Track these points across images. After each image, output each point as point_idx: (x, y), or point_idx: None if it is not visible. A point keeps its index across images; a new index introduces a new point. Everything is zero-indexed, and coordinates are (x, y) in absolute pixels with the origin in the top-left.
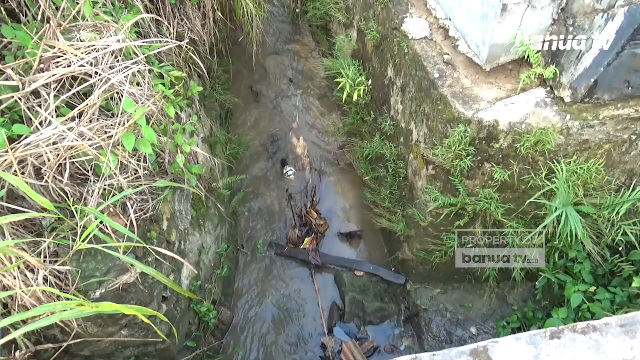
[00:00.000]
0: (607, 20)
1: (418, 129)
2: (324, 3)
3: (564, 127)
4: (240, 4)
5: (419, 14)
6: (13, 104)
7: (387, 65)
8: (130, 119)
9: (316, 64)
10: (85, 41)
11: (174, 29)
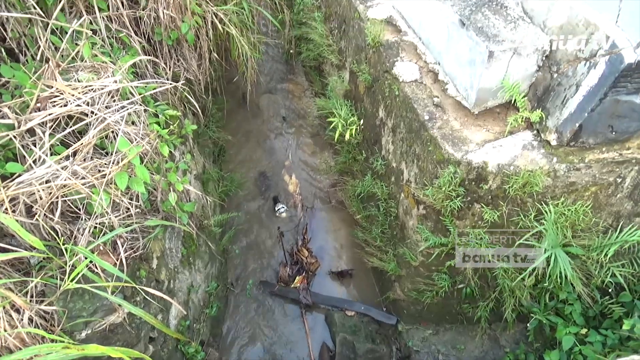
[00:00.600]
0: (589, 68)
1: (409, 169)
2: (317, 45)
3: (551, 169)
4: (235, 45)
5: (410, 58)
6: (8, 141)
7: (379, 107)
8: (124, 158)
9: (309, 103)
10: (83, 81)
11: (170, 69)
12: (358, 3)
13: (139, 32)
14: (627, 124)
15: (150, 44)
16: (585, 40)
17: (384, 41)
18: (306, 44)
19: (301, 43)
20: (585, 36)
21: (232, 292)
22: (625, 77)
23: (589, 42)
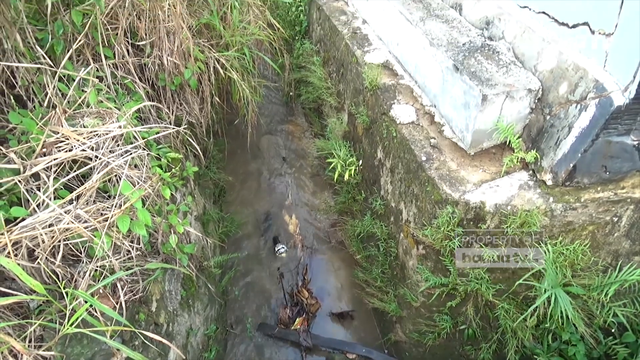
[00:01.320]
0: (580, 110)
1: (408, 209)
2: (316, 88)
3: (548, 209)
4: (237, 89)
5: (406, 101)
6: (13, 186)
7: (377, 148)
8: (126, 201)
9: (309, 144)
10: (88, 127)
11: (173, 113)
12: (355, 48)
13: (144, 78)
14: (619, 164)
15: (154, 89)
16: (575, 84)
17: (381, 84)
18: (305, 87)
19: (301, 86)
20: (575, 80)
21: (231, 335)
22: (615, 119)
23: (578, 86)
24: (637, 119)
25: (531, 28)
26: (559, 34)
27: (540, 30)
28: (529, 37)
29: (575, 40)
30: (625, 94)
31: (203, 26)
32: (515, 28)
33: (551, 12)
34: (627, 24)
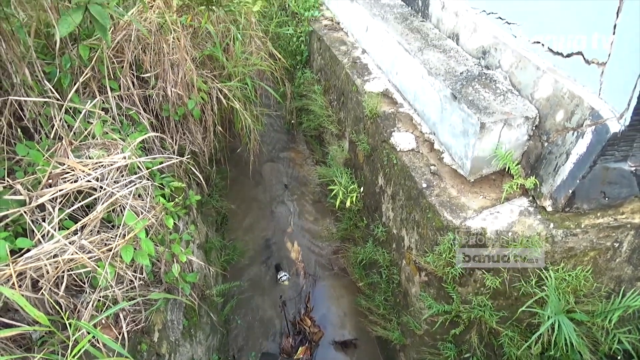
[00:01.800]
0: (577, 137)
1: (409, 235)
2: (317, 116)
3: (549, 235)
4: (239, 118)
5: (406, 128)
6: (18, 217)
7: (378, 175)
8: (130, 231)
9: (310, 171)
10: (94, 158)
11: (176, 142)
12: (355, 77)
13: (148, 109)
14: (618, 190)
15: (158, 120)
16: (571, 112)
17: (381, 112)
18: (307, 115)
19: (302, 114)
20: (571, 107)
21: None
22: (612, 146)
23: (575, 113)
24: (633, 145)
25: (526, 57)
26: (554, 63)
27: (536, 59)
28: (524, 66)
29: (570, 69)
30: (620, 121)
31: (206, 57)
32: (511, 57)
33: (545, 42)
34: (620, 53)
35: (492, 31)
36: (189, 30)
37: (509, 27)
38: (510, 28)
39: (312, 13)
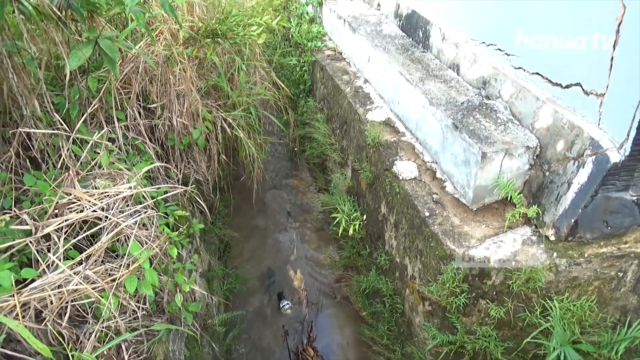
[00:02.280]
0: (578, 167)
1: (412, 264)
2: (320, 144)
3: (553, 264)
4: (243, 147)
5: (408, 157)
6: (24, 247)
7: (381, 203)
8: (135, 261)
9: (313, 198)
10: (100, 188)
11: (180, 171)
12: (358, 106)
13: (154, 138)
14: (620, 219)
15: (164, 149)
16: (571, 141)
17: (383, 141)
18: (310, 143)
19: (305, 142)
20: (571, 137)
21: None
22: (613, 176)
23: (575, 143)
24: (634, 175)
25: (526, 88)
26: (554, 94)
27: (535, 90)
28: (524, 96)
29: (570, 100)
30: (620, 151)
31: (211, 87)
32: (510, 88)
33: (544, 72)
34: (618, 85)
35: (492, 62)
36: (194, 62)
37: (508, 58)
38: (509, 59)
39: (315, 43)
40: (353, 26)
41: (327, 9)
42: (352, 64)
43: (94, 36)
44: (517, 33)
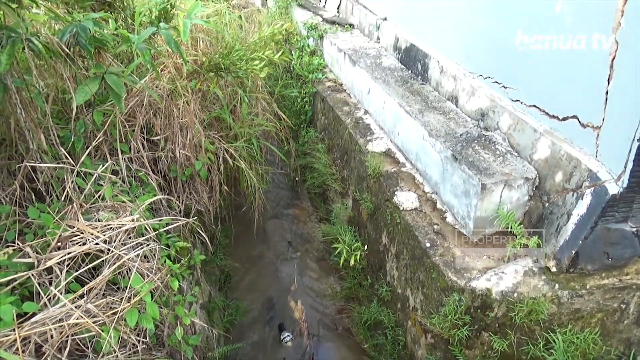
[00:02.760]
0: (577, 198)
1: (414, 295)
2: (321, 173)
3: (555, 296)
4: (244, 177)
5: (409, 187)
6: (25, 280)
7: (382, 233)
8: (136, 294)
9: (314, 228)
10: (103, 221)
11: (182, 202)
12: (358, 137)
13: (156, 170)
14: (621, 250)
15: (166, 180)
16: (570, 173)
17: (383, 172)
18: (311, 173)
19: (306, 171)
20: (569, 169)
21: None
22: (611, 207)
23: (573, 175)
24: (633, 206)
25: (524, 120)
26: (551, 126)
27: (533, 122)
28: (522, 128)
29: (567, 132)
30: (618, 183)
31: (214, 119)
32: (508, 120)
33: (541, 105)
34: (613, 118)
35: (490, 94)
36: (198, 95)
37: (505, 91)
38: (506, 92)
39: (316, 75)
40: (353, 59)
41: (328, 42)
42: (352, 96)
43: (101, 72)
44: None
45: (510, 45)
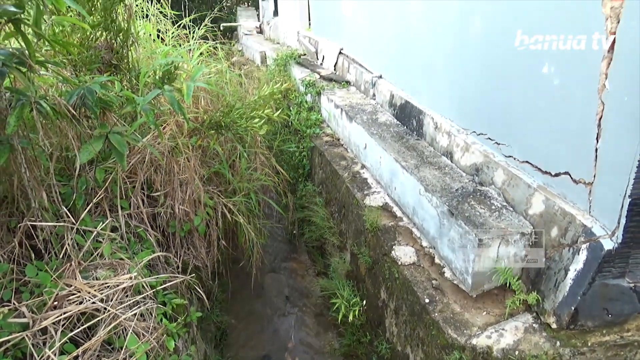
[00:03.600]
0: (573, 254)
1: (414, 353)
2: (319, 227)
3: (556, 354)
4: (242, 232)
5: (406, 242)
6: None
7: (380, 288)
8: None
9: (312, 282)
10: (101, 279)
11: (180, 258)
12: (356, 191)
13: (155, 225)
14: (620, 306)
15: (164, 236)
16: (565, 228)
17: (381, 226)
18: (308, 226)
19: (304, 225)
20: (564, 224)
21: None
22: (608, 263)
23: (568, 230)
24: (629, 262)
25: (517, 175)
26: (544, 182)
27: (526, 177)
28: (516, 183)
29: (560, 187)
30: (613, 238)
31: (213, 174)
32: (502, 175)
33: (534, 161)
34: (604, 174)
35: (483, 150)
36: (198, 151)
37: (498, 147)
38: (499, 148)
39: (313, 130)
40: (350, 115)
41: (325, 98)
42: (349, 150)
43: (105, 131)
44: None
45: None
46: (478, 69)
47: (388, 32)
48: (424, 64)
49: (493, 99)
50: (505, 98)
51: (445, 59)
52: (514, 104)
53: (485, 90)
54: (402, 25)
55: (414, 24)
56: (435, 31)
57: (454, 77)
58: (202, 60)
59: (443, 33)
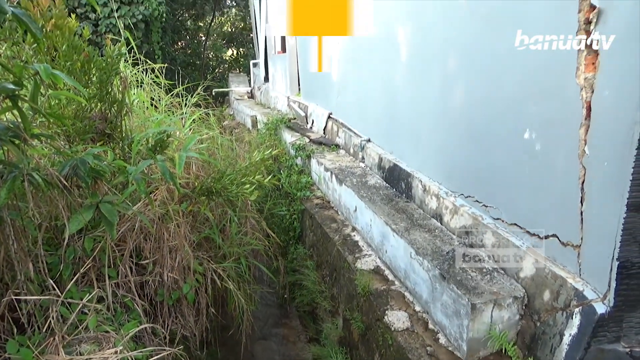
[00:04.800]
0: (567, 318)
1: None
2: (310, 291)
3: None
4: (232, 298)
5: (399, 306)
6: None
7: (374, 355)
8: None
9: (304, 349)
10: (84, 354)
11: (167, 328)
12: (347, 254)
13: (143, 294)
14: None
15: (152, 305)
16: (556, 291)
17: (373, 290)
18: (300, 290)
19: (295, 288)
20: (556, 287)
21: None
22: (602, 327)
23: (560, 293)
24: (622, 325)
25: (506, 238)
26: (533, 244)
27: (515, 240)
28: (506, 245)
29: (549, 250)
30: (605, 302)
31: (203, 239)
32: (492, 237)
33: (521, 223)
34: (591, 237)
35: (472, 212)
36: (188, 217)
37: (486, 209)
38: (488, 210)
39: (304, 193)
40: (340, 178)
41: (315, 161)
42: (340, 213)
43: (96, 201)
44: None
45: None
46: (462, 133)
47: (375, 98)
48: (410, 128)
49: (478, 163)
50: (490, 162)
51: (430, 123)
52: (499, 167)
53: (470, 154)
54: (388, 92)
55: (400, 90)
56: (420, 97)
57: (439, 141)
58: (194, 127)
59: (427, 99)
